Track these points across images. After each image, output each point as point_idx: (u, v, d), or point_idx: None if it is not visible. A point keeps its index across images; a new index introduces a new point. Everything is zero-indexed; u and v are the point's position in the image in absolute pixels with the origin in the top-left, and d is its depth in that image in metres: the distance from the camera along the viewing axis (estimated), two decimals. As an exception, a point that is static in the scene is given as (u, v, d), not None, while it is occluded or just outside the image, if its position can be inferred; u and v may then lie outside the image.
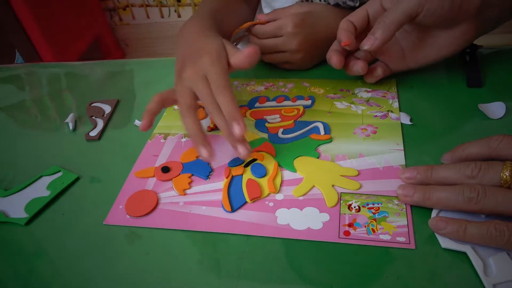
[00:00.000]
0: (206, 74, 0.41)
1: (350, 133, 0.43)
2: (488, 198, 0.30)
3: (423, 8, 0.40)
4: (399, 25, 0.42)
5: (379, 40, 0.42)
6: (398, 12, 0.41)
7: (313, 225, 0.34)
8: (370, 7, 0.45)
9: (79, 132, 0.50)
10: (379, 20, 0.42)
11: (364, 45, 0.43)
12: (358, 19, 0.45)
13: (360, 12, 0.46)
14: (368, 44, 0.43)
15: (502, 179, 0.31)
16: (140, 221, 0.37)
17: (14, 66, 0.69)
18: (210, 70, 0.40)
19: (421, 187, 0.34)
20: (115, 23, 2.00)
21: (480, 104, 0.44)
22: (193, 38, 0.46)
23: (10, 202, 0.41)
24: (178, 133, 0.47)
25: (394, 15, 0.42)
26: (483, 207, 0.30)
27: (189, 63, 0.42)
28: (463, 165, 0.33)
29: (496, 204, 0.30)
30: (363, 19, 0.45)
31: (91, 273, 0.33)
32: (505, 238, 0.29)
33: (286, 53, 0.52)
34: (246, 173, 0.40)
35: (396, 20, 0.41)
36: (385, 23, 0.42)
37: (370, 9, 0.45)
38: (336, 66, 0.46)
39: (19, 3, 1.42)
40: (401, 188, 0.35)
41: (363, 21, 0.45)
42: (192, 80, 0.41)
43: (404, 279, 0.30)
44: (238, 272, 0.32)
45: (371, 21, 0.46)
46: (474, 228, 0.30)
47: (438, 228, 0.32)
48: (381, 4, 0.45)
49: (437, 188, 0.33)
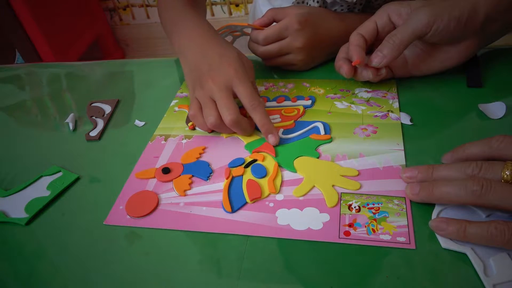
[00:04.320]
0: (232, 84, 0.43)
1: (350, 133, 0.43)
2: (494, 192, 0.30)
3: (431, 28, 0.42)
4: (407, 44, 0.43)
5: (387, 58, 0.44)
6: (408, 32, 0.42)
7: (313, 225, 0.34)
8: (379, 19, 0.46)
9: (79, 132, 0.50)
10: (388, 39, 0.43)
11: (373, 62, 0.45)
12: (368, 32, 0.46)
13: (370, 25, 0.46)
14: (377, 62, 0.44)
15: (503, 178, 0.31)
16: (140, 222, 0.37)
17: (14, 66, 0.69)
18: (236, 81, 0.43)
19: (426, 184, 0.34)
20: (115, 23, 2.00)
21: (480, 104, 0.44)
22: (204, 42, 0.47)
23: (10, 202, 0.41)
24: (179, 135, 0.47)
25: (403, 35, 0.43)
26: (487, 201, 0.30)
27: (209, 72, 0.44)
28: (464, 165, 0.33)
29: (501, 198, 0.30)
30: (372, 32, 0.46)
31: (91, 273, 0.33)
32: (506, 238, 0.29)
33: (290, 55, 0.52)
34: (246, 174, 0.40)
35: (405, 40, 0.43)
36: (394, 43, 0.43)
37: (379, 21, 0.46)
38: (347, 75, 0.47)
39: (19, 3, 1.43)
40: (408, 187, 0.35)
41: (372, 34, 0.46)
42: (216, 89, 0.42)
43: (404, 279, 0.30)
44: (238, 272, 0.32)
45: (380, 33, 0.46)
46: (474, 228, 0.30)
47: (439, 229, 0.32)
48: (389, 17, 0.45)
49: (441, 183, 0.33)
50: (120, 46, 2.05)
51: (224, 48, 0.46)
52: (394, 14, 0.45)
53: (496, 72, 0.49)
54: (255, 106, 0.42)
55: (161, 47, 2.02)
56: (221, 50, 0.45)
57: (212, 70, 0.44)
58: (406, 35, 0.43)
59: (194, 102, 0.45)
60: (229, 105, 0.41)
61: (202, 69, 0.45)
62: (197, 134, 0.46)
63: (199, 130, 0.47)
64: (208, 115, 0.42)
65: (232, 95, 0.43)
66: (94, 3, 1.85)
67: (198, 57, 0.46)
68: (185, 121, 0.49)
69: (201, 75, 0.44)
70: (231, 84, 0.43)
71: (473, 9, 0.41)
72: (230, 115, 0.41)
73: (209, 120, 0.42)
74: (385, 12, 0.46)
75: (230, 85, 0.43)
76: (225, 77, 0.43)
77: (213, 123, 0.42)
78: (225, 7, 1.85)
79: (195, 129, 0.47)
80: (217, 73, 0.43)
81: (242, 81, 0.43)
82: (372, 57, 0.45)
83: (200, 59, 0.46)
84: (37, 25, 1.49)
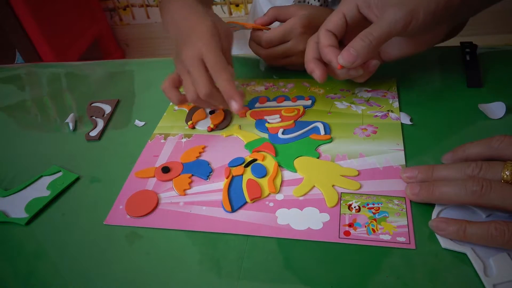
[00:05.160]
0: (202, 56, 0.42)
1: (350, 133, 0.43)
2: (494, 192, 0.30)
3: (408, 27, 0.38)
4: (383, 43, 0.40)
5: (361, 58, 0.39)
6: (384, 32, 0.38)
7: (313, 225, 0.34)
8: (348, 12, 0.42)
9: (79, 132, 0.50)
10: (363, 37, 0.39)
11: (343, 61, 0.40)
12: (337, 29, 0.42)
13: (338, 21, 0.42)
14: (348, 62, 0.40)
15: (503, 178, 0.31)
16: (140, 221, 0.37)
17: (14, 66, 0.69)
18: (205, 52, 0.41)
19: (426, 184, 0.34)
20: (115, 23, 2.00)
21: (480, 104, 0.44)
22: (181, 16, 0.46)
23: (10, 202, 0.41)
24: (178, 134, 0.47)
25: (379, 34, 0.39)
26: (487, 201, 0.30)
27: (183, 46, 0.43)
28: (464, 165, 0.33)
29: (501, 198, 0.30)
30: (342, 27, 0.42)
31: (91, 273, 0.33)
32: (506, 238, 0.29)
33: (293, 57, 0.52)
34: (246, 173, 0.40)
35: (382, 39, 0.39)
36: (371, 43, 0.39)
37: (348, 14, 0.42)
38: (320, 80, 0.43)
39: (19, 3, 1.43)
40: (408, 187, 0.35)
41: (342, 30, 0.42)
42: (188, 63, 0.42)
43: (404, 279, 0.30)
44: (238, 272, 0.32)
45: (349, 27, 0.42)
46: (474, 229, 0.30)
47: (439, 229, 0.32)
48: (357, 8, 0.41)
49: (441, 183, 0.33)
50: (120, 46, 2.05)
51: (199, 20, 0.44)
52: (363, 6, 0.41)
53: (496, 72, 0.49)
54: (219, 72, 0.41)
55: (161, 47, 2.02)
56: (195, 23, 0.44)
57: (185, 43, 0.43)
58: (383, 35, 0.38)
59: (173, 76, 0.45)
60: (200, 78, 0.41)
61: (179, 43, 0.45)
62: (197, 133, 0.46)
63: (199, 129, 0.47)
64: (187, 91, 0.43)
65: (203, 67, 0.42)
66: (94, 3, 1.85)
67: (175, 31, 0.46)
68: (184, 120, 0.49)
69: (178, 49, 0.44)
70: (201, 55, 0.42)
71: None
72: (203, 88, 0.41)
73: (189, 97, 0.43)
74: (354, 3, 0.41)
75: (201, 57, 0.42)
76: (194, 49, 0.42)
77: (192, 99, 0.43)
78: (225, 7, 1.85)
79: (195, 128, 0.47)
80: (189, 46, 0.42)
81: (210, 50, 0.41)
82: (343, 55, 0.40)
83: (176, 33, 0.46)
84: (37, 25, 1.49)
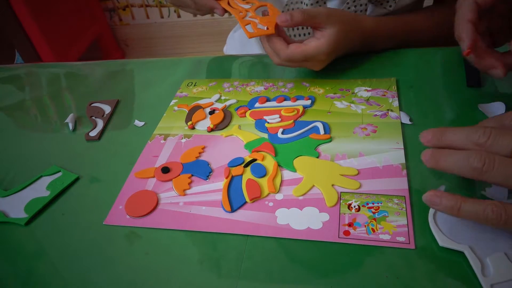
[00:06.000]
0: None
1: (350, 133, 0.43)
2: (496, 170, 0.28)
3: None
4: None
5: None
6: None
7: (313, 224, 0.34)
8: None
9: (79, 132, 0.50)
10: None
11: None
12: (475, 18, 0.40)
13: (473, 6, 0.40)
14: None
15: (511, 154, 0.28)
16: (140, 221, 0.37)
17: (14, 66, 0.69)
18: None
19: (435, 152, 0.32)
20: (115, 23, 2.00)
21: (480, 104, 0.44)
22: None
23: (10, 202, 0.41)
24: (178, 134, 0.47)
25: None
26: (488, 178, 0.28)
27: None
28: (472, 130, 0.30)
29: (505, 177, 0.28)
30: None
31: (91, 273, 0.33)
32: (501, 222, 0.27)
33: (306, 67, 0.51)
34: (246, 173, 0.40)
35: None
36: None
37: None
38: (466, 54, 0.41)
39: (19, 3, 1.43)
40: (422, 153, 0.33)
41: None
42: None
43: (404, 279, 0.30)
44: (238, 272, 0.32)
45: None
46: (470, 206, 0.29)
47: (433, 203, 0.31)
48: None
49: (447, 152, 0.31)
50: (120, 46, 2.05)
51: None
52: None
53: (496, 71, 0.49)
54: None
55: (161, 47, 2.01)
56: None
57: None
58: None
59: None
60: None
61: None
62: (197, 134, 0.47)
63: (199, 129, 0.47)
64: None
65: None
66: (94, 3, 1.85)
67: None
68: (184, 121, 0.49)
69: None
70: None
71: None
72: None
73: None
74: None
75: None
76: None
77: None
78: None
79: (194, 128, 0.47)
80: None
81: None
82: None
83: None
84: (37, 25, 1.49)
